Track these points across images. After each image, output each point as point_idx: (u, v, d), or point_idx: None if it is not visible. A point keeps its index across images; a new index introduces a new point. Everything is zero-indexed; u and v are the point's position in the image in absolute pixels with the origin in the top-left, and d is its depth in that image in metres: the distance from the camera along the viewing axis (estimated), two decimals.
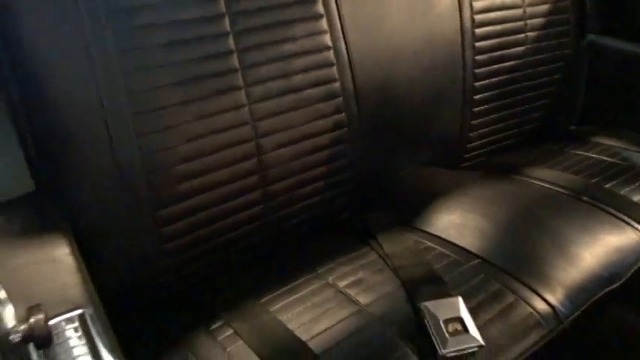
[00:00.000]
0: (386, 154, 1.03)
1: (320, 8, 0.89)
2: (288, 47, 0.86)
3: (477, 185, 1.03)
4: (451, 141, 1.14)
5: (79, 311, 0.52)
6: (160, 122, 0.77)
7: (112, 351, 0.49)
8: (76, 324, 0.50)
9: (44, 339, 0.41)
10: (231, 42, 0.81)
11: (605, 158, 1.11)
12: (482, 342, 0.68)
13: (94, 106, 0.72)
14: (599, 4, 1.30)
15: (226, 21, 0.81)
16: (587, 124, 1.34)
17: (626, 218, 0.92)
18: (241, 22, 0.82)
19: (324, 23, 0.90)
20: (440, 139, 1.11)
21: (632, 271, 0.83)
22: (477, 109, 1.13)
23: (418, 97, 1.03)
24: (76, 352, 0.47)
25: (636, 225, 0.90)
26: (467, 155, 1.17)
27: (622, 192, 0.98)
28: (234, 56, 0.81)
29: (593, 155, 1.14)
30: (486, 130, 1.17)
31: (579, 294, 0.79)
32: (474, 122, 1.14)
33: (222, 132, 0.81)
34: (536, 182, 1.04)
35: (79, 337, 0.49)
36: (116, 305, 0.64)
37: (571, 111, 1.33)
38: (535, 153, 1.18)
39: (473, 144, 1.17)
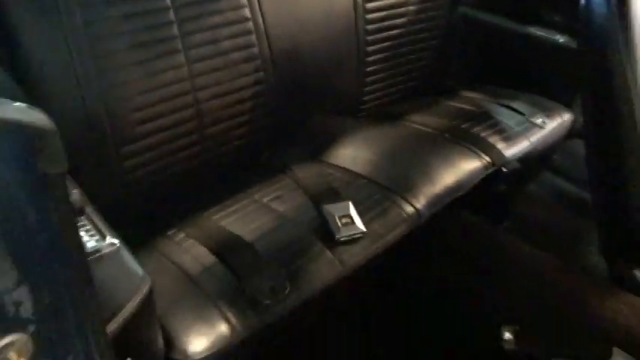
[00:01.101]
0: (298, 105, 1.29)
1: None
2: (217, 19, 1.09)
3: (369, 128, 1.32)
4: (350, 95, 1.42)
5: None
6: (118, 79, 0.98)
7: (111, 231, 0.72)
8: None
9: (80, 210, 0.64)
10: (171, 14, 1.03)
11: (466, 107, 1.44)
12: (364, 229, 0.97)
13: (68, 66, 0.92)
14: None
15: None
16: (461, 80, 1.66)
17: (474, 149, 1.24)
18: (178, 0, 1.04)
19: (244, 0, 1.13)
20: (341, 93, 1.39)
21: (473, 184, 1.15)
22: (369, 69, 1.42)
23: (321, 60, 1.30)
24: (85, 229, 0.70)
25: (481, 154, 1.23)
26: (363, 106, 1.46)
27: (473, 130, 1.30)
28: (175, 26, 1.04)
29: (459, 105, 1.46)
30: (378, 85, 1.46)
31: (436, 200, 1.10)
32: (367, 79, 1.43)
33: (166, 86, 1.04)
34: (413, 125, 1.35)
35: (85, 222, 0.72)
36: None
37: (447, 70, 1.65)
38: (416, 103, 1.49)
39: (367, 97, 1.46)
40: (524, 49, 1.59)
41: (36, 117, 0.42)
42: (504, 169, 1.21)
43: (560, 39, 1.50)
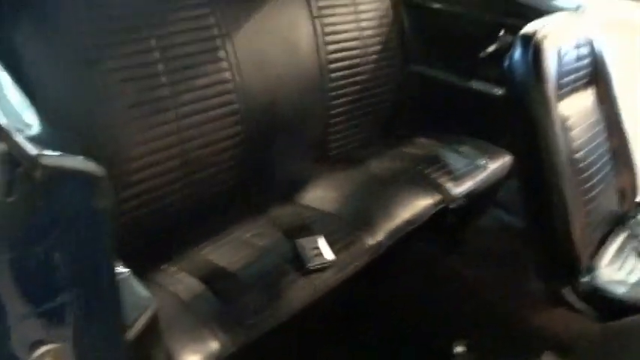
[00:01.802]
0: (273, 153, 1.47)
1: (222, 53, 1.31)
2: (203, 81, 1.27)
3: (335, 172, 1.50)
4: (318, 143, 1.60)
5: None
6: (118, 133, 1.14)
7: None
8: None
9: None
10: (163, 79, 1.21)
11: (419, 152, 1.64)
12: (333, 258, 1.13)
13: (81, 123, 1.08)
14: (420, 44, 1.85)
15: (160, 65, 1.20)
16: (415, 127, 1.87)
17: (426, 188, 1.43)
18: (170, 65, 1.21)
19: (225, 64, 1.32)
20: (309, 141, 1.58)
21: (425, 218, 1.33)
22: (333, 120, 1.61)
23: (292, 113, 1.49)
24: None
25: (432, 192, 1.42)
26: (330, 153, 1.65)
27: (425, 173, 1.50)
28: (166, 88, 1.21)
29: (413, 150, 1.66)
30: (342, 134, 1.66)
31: (394, 233, 1.28)
32: (332, 129, 1.62)
33: (159, 139, 1.20)
34: (372, 170, 1.53)
35: None
36: None
37: (402, 119, 1.86)
38: (376, 149, 1.68)
39: (333, 144, 1.65)
40: (468, 100, 1.82)
41: (91, 166, 0.58)
42: (451, 205, 1.40)
43: (498, 91, 1.73)
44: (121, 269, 0.85)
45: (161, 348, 0.87)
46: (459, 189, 1.47)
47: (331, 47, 1.57)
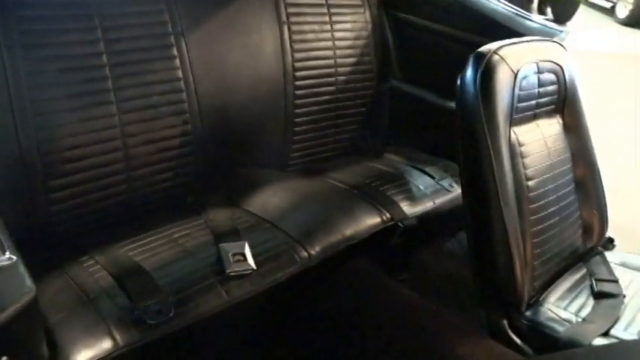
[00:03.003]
0: (223, 157, 1.45)
1: (174, 51, 1.30)
2: (150, 77, 1.27)
3: (287, 181, 1.47)
4: (277, 152, 1.58)
5: None
6: (52, 121, 1.14)
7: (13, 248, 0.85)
8: None
9: None
10: (107, 71, 1.20)
11: (384, 168, 1.60)
12: (254, 267, 1.10)
13: (7, 107, 1.08)
14: (400, 59, 1.82)
15: (104, 57, 1.20)
16: (386, 143, 1.83)
17: (377, 205, 1.39)
18: (114, 58, 1.21)
19: (177, 62, 1.31)
20: (267, 149, 1.55)
21: (368, 235, 1.29)
22: (297, 129, 1.59)
23: (248, 118, 1.47)
24: None
25: (382, 209, 1.38)
26: (290, 162, 1.62)
27: (381, 189, 1.46)
28: (109, 81, 1.20)
29: (378, 165, 1.62)
30: (305, 144, 1.63)
31: (329, 247, 1.23)
32: (294, 138, 1.59)
33: (97, 131, 1.20)
34: (330, 181, 1.50)
35: None
36: None
37: (374, 135, 1.82)
38: (340, 162, 1.65)
39: (295, 154, 1.62)
40: (444, 120, 1.77)
41: None
42: (400, 224, 1.35)
43: None
44: (7, 255, 0.84)
45: (40, 337, 0.85)
46: (414, 209, 1.42)
47: (299, 55, 1.55)
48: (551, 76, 1.33)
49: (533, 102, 1.29)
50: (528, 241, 1.22)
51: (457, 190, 1.55)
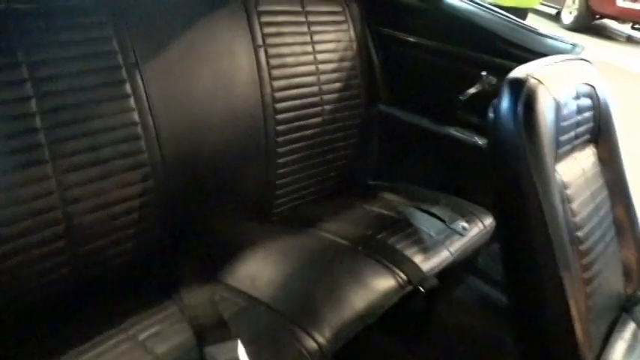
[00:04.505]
0: (194, 213, 1.16)
1: (127, 88, 1.01)
2: (96, 124, 0.97)
3: (275, 238, 1.20)
4: (259, 198, 1.30)
5: None
6: None
7: None
8: None
9: None
10: (37, 121, 0.89)
11: (384, 212, 1.35)
12: None
13: None
14: (388, 81, 1.58)
15: (33, 102, 0.89)
16: (380, 179, 1.59)
17: (388, 263, 1.14)
18: (48, 102, 0.91)
19: (131, 102, 1.01)
20: (248, 197, 1.27)
21: (386, 309, 1.04)
22: (280, 170, 1.32)
23: (224, 162, 1.18)
24: None
25: (395, 269, 1.13)
26: (275, 210, 1.35)
27: (389, 241, 1.21)
28: (41, 133, 0.90)
29: (376, 209, 1.37)
30: (291, 187, 1.36)
31: (342, 330, 0.97)
32: (278, 181, 1.32)
33: (28, 202, 0.89)
34: (325, 235, 1.23)
35: None
36: None
37: (366, 169, 1.58)
38: (332, 206, 1.39)
39: (279, 200, 1.35)
40: (442, 148, 1.55)
41: None
42: (421, 289, 1.10)
43: (479, 140, 1.47)
44: None
45: None
46: (431, 263, 1.18)
47: (279, 83, 1.28)
48: (588, 101, 1.12)
49: (572, 133, 1.08)
50: (582, 290, 1.01)
51: (470, 233, 1.32)
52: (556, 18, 7.18)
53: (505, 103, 0.96)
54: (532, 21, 6.85)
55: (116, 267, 1.03)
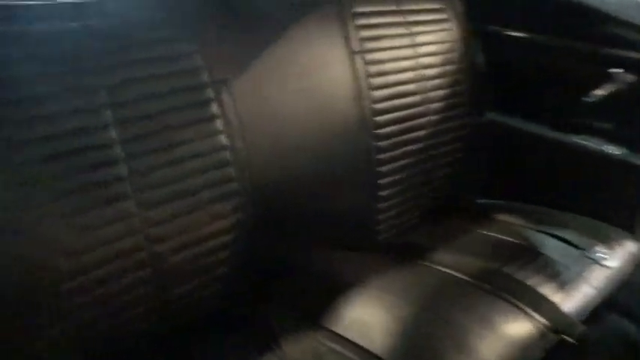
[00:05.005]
0: (289, 247, 1.02)
1: (214, 109, 0.89)
2: (182, 150, 0.85)
3: (381, 273, 1.03)
4: (357, 225, 1.15)
5: None
6: (40, 236, 0.72)
7: None
8: None
9: None
10: (118, 150, 0.79)
11: (504, 238, 1.15)
12: None
13: None
14: (497, 85, 1.39)
15: (112, 130, 0.78)
16: (491, 197, 1.39)
17: (521, 305, 0.94)
18: (128, 130, 0.80)
19: (218, 123, 0.89)
20: (345, 225, 1.12)
21: None
22: (382, 192, 1.15)
23: (318, 187, 1.04)
24: None
25: (531, 312, 0.93)
26: (375, 238, 1.18)
27: (517, 275, 1.01)
28: (122, 165, 0.79)
29: (494, 235, 1.17)
30: (393, 212, 1.19)
31: None
32: (380, 205, 1.16)
33: (109, 243, 0.78)
34: (439, 268, 1.05)
35: None
36: None
37: (474, 186, 1.38)
38: (442, 232, 1.21)
39: (382, 226, 1.18)
40: (565, 160, 1.33)
41: None
42: (569, 338, 0.90)
43: (612, 150, 1.24)
44: None
45: None
46: (572, 304, 0.98)
47: (378, 93, 1.12)
48: None
49: None
50: None
51: (613, 262, 1.10)
52: None
53: None
54: None
55: (205, 311, 0.90)
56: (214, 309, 0.92)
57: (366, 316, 0.92)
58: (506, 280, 1.00)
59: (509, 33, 1.37)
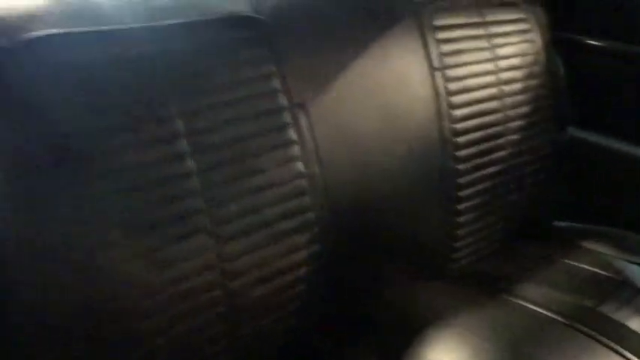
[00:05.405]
0: (367, 277, 0.96)
1: (291, 134, 0.83)
2: (259, 179, 0.80)
3: (465, 311, 0.95)
4: (434, 254, 1.07)
5: None
6: (114, 277, 0.69)
7: None
8: None
9: None
10: (195, 182, 0.74)
11: (596, 270, 1.06)
12: None
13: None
14: (579, 98, 1.29)
15: (189, 160, 0.74)
16: (570, 219, 1.29)
17: (623, 351, 0.85)
18: (205, 159, 0.75)
19: (296, 149, 0.84)
20: (422, 254, 1.05)
21: None
22: (461, 218, 1.08)
23: (395, 215, 0.97)
24: None
25: (634, 359, 0.84)
26: (450, 267, 1.11)
27: (615, 316, 0.92)
28: (199, 197, 0.74)
29: (584, 266, 1.08)
30: (471, 238, 1.11)
31: None
32: (458, 232, 1.08)
33: (185, 280, 0.73)
34: (527, 305, 0.97)
35: None
36: None
37: (553, 208, 1.29)
38: (522, 260, 1.12)
39: (457, 254, 1.10)
40: None
41: None
42: None
43: None
44: None
45: None
46: None
47: (459, 112, 1.04)
48: None
49: None
50: None
51: None
52: None
53: None
54: None
55: (280, 349, 0.85)
56: (287, 345, 0.87)
57: (448, 358, 0.85)
58: (603, 322, 0.91)
59: (592, 42, 1.27)
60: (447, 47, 1.04)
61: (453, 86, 1.04)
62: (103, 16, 0.69)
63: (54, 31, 0.65)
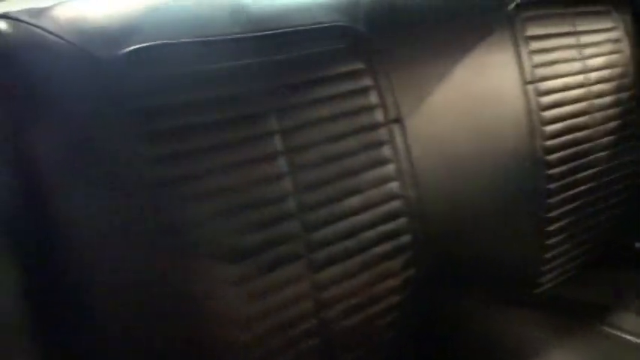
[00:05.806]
0: (453, 304, 0.90)
1: (387, 152, 0.78)
2: (355, 201, 0.74)
3: (558, 343, 0.89)
4: (521, 277, 1.01)
5: None
6: (207, 308, 0.64)
7: None
8: None
9: None
10: (291, 204, 0.69)
11: None
12: None
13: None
14: None
15: (287, 180, 0.69)
16: None
17: None
18: (302, 179, 0.70)
19: (390, 169, 0.78)
20: (509, 277, 0.98)
21: None
22: (550, 240, 1.01)
23: (486, 237, 0.91)
24: None
25: None
26: (535, 290, 1.04)
27: None
28: (296, 220, 0.69)
29: None
30: (558, 261, 1.04)
31: None
32: (546, 255, 1.01)
33: (280, 309, 0.68)
34: (625, 337, 0.90)
35: None
36: None
37: (634, 228, 1.21)
38: (611, 286, 1.05)
39: (543, 278, 1.03)
40: None
41: None
42: None
43: None
44: None
45: None
46: None
47: (551, 128, 0.98)
48: None
49: None
50: None
51: None
52: None
53: None
54: None
55: None
56: None
57: None
58: None
59: None
60: (539, 58, 0.97)
61: (544, 100, 0.97)
62: (204, 26, 0.65)
63: (154, 42, 0.61)
